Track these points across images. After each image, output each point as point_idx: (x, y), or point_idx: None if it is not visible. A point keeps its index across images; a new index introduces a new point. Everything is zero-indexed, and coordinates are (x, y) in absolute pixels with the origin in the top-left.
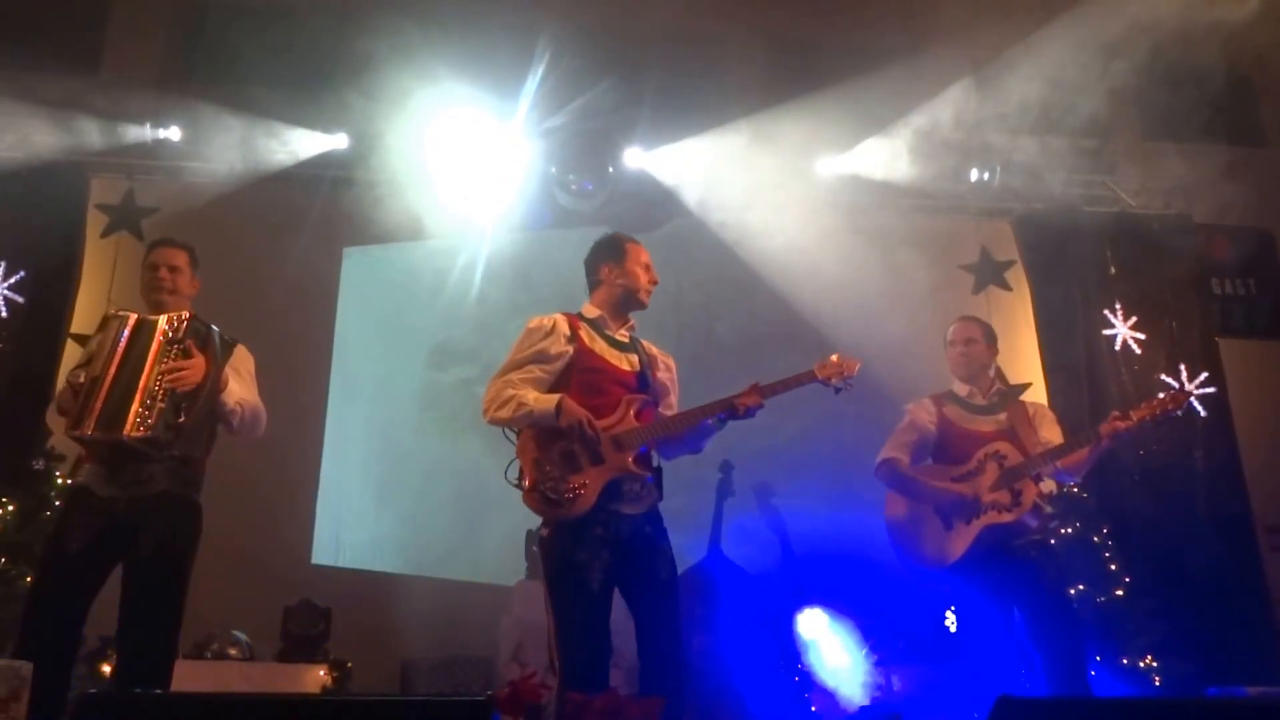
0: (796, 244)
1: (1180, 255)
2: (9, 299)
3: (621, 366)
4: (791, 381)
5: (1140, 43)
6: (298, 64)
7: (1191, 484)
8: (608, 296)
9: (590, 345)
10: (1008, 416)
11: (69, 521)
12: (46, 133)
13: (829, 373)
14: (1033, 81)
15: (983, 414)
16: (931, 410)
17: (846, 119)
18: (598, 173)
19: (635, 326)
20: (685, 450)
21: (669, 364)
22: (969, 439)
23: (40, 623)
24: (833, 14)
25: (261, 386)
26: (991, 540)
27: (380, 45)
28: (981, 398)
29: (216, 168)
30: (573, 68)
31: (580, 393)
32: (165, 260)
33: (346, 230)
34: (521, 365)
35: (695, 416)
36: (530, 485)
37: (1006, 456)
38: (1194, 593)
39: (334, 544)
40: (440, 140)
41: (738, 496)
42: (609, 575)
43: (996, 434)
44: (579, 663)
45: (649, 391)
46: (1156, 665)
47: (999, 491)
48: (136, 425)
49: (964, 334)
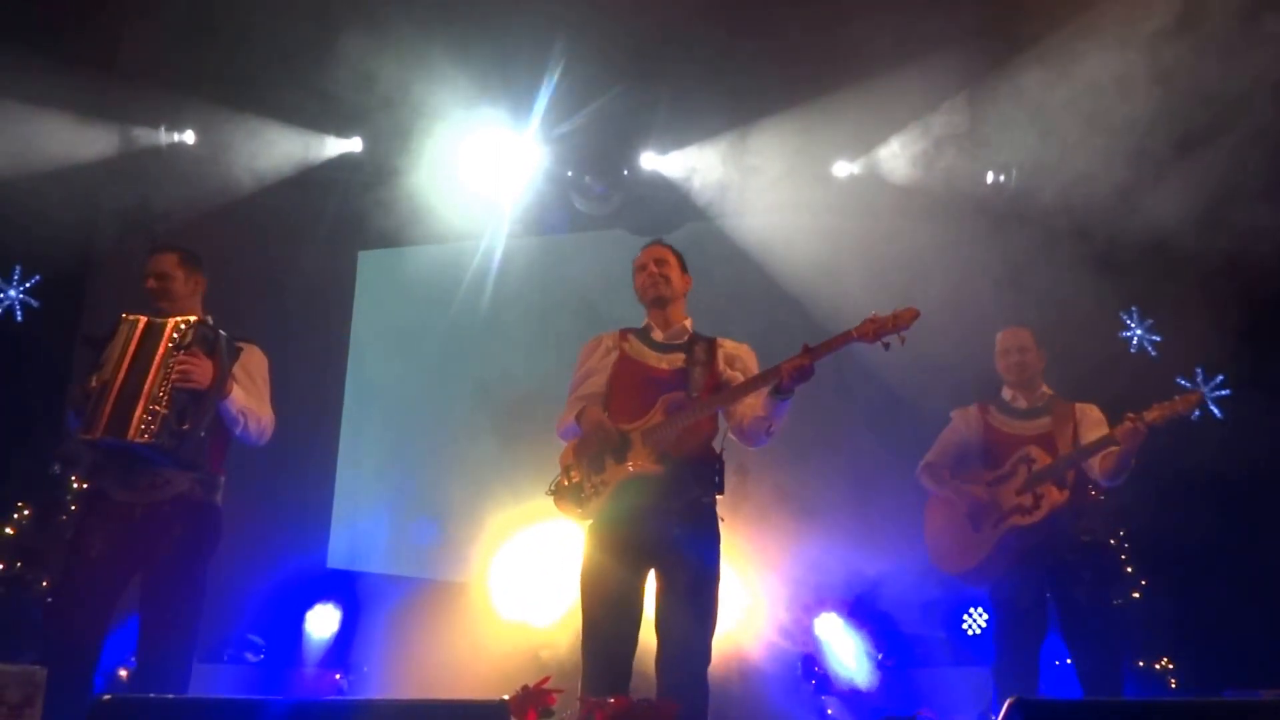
0: (812, 247)
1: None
2: (24, 303)
3: (660, 367)
4: (838, 341)
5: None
6: (312, 68)
7: (1207, 486)
8: (646, 307)
9: (631, 353)
10: (1051, 420)
11: (87, 526)
12: (60, 136)
13: (880, 328)
14: (1051, 82)
15: (1024, 418)
16: (975, 417)
17: (862, 121)
18: (612, 176)
19: (690, 326)
20: (758, 436)
21: (741, 355)
22: (1008, 443)
23: (62, 629)
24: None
25: (277, 390)
26: (1019, 543)
27: (396, 50)
28: (1025, 402)
29: (231, 171)
30: (587, 72)
31: (621, 397)
32: (153, 270)
33: (361, 234)
34: (578, 383)
35: (728, 397)
36: (554, 489)
37: (1035, 460)
38: (1210, 595)
39: (350, 548)
40: (455, 144)
41: (753, 499)
42: (636, 581)
43: (1033, 438)
44: (594, 667)
45: (688, 388)
46: (1173, 667)
47: (1024, 495)
48: (141, 430)
49: (1016, 342)
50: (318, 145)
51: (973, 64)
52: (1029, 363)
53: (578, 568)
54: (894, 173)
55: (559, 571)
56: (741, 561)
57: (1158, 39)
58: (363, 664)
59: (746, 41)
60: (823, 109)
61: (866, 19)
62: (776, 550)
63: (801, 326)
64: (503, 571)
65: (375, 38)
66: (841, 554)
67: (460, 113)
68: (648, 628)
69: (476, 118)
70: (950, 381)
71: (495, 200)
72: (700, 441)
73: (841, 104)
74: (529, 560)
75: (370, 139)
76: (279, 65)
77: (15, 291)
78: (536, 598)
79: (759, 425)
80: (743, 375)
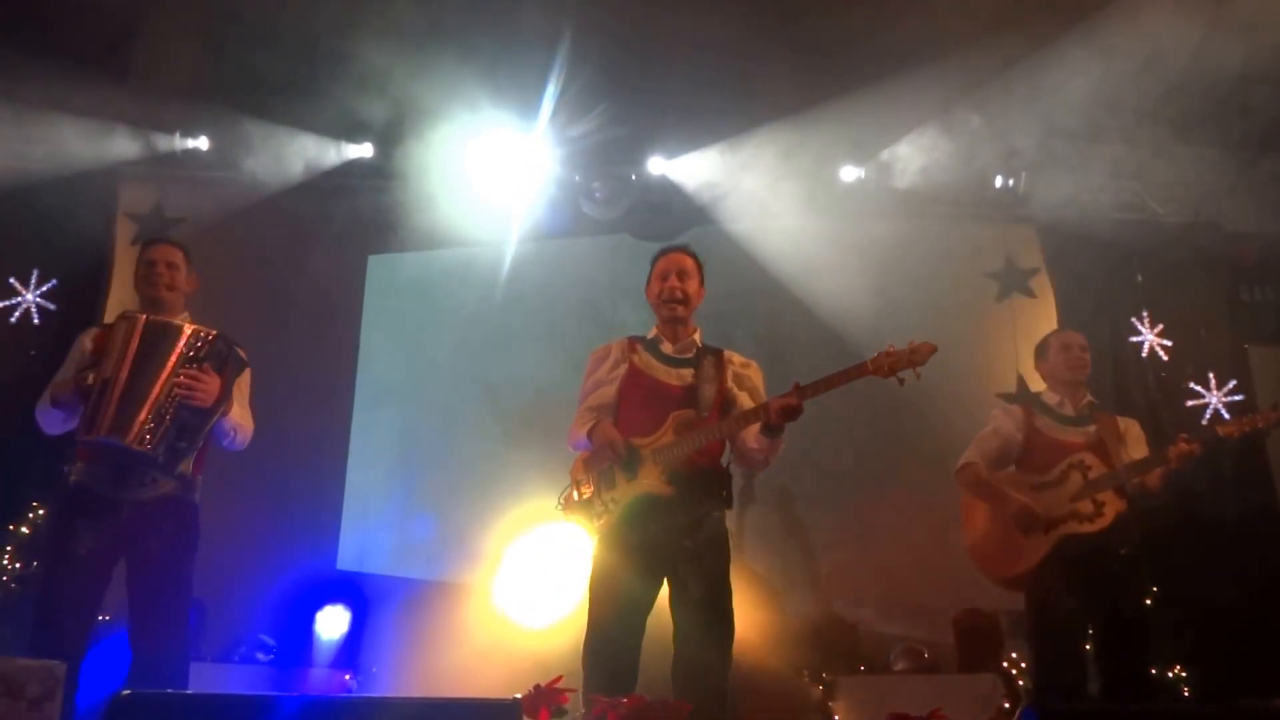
0: (819, 251)
1: (1208, 262)
2: (41, 306)
3: (670, 382)
4: (850, 374)
5: (1169, 47)
6: (324, 75)
7: (1220, 491)
8: (656, 315)
9: (641, 365)
10: (1097, 429)
11: (74, 525)
12: (77, 142)
13: (896, 362)
14: (1059, 87)
15: (1072, 425)
16: (1020, 417)
17: (870, 125)
18: (620, 180)
19: (699, 339)
20: (753, 464)
21: (748, 374)
22: (1056, 449)
23: (53, 626)
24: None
25: (287, 394)
26: (1072, 551)
27: (405, 55)
28: (1071, 408)
29: (244, 177)
30: (595, 75)
31: (631, 410)
32: (163, 256)
33: (371, 238)
34: (587, 394)
35: (729, 428)
36: (564, 502)
37: (1091, 467)
38: (1224, 602)
39: (359, 550)
40: (464, 148)
41: (759, 503)
42: (644, 585)
43: (1085, 445)
44: (595, 667)
45: (698, 406)
46: (1185, 675)
47: (1080, 501)
48: (141, 438)
49: (1076, 340)
50: (329, 150)
51: (979, 67)
52: (1087, 361)
53: (587, 569)
54: (901, 177)
55: (567, 573)
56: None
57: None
58: (372, 665)
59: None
60: (830, 113)
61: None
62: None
63: (808, 332)
64: (511, 573)
65: (386, 44)
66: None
67: (469, 118)
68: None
69: (485, 123)
70: (960, 381)
71: (503, 205)
72: (710, 459)
73: (849, 108)
74: (537, 562)
75: (381, 144)
76: (292, 72)
77: (32, 295)
78: (545, 599)
79: (754, 455)
80: (749, 395)
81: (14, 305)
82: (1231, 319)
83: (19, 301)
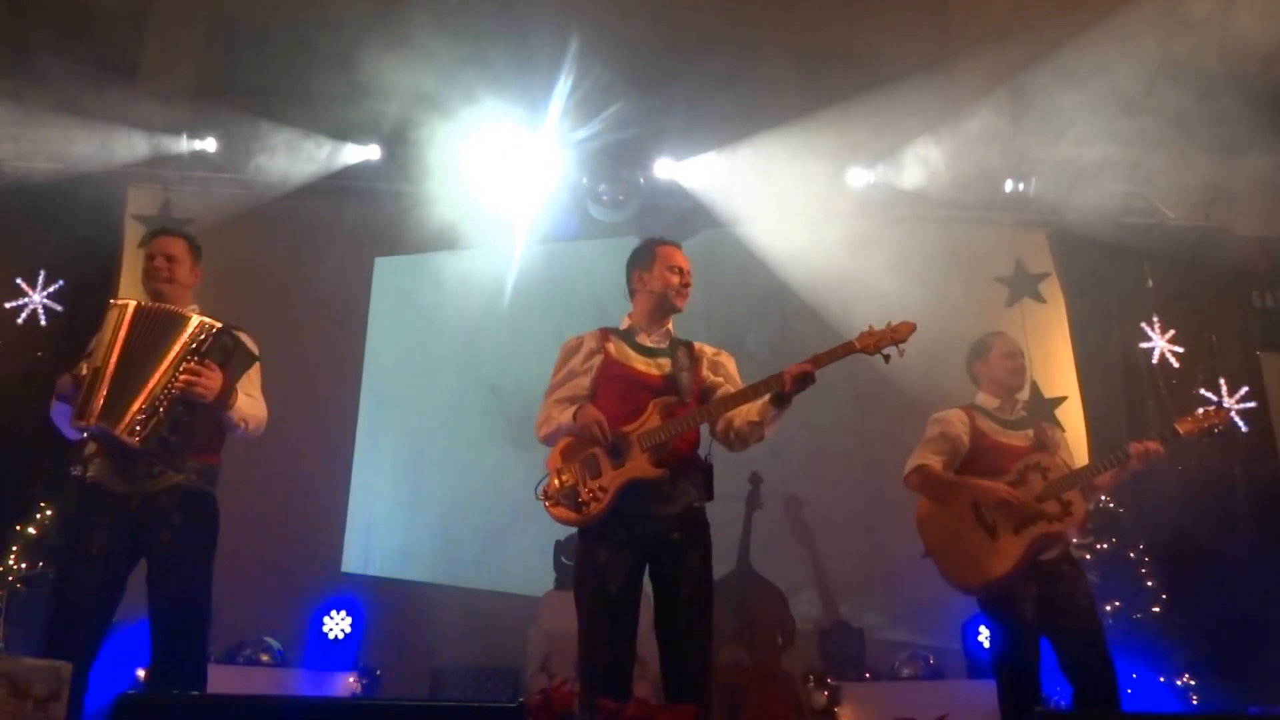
0: (828, 254)
1: (1220, 268)
2: (48, 308)
3: (650, 372)
4: (840, 351)
5: (1179, 51)
6: (331, 76)
7: (1231, 499)
8: (643, 303)
9: (617, 355)
10: (1035, 433)
11: (87, 523)
12: (85, 144)
13: (879, 341)
14: (1069, 91)
15: (1014, 428)
16: (965, 421)
17: (879, 128)
18: (628, 183)
19: (673, 330)
20: (746, 441)
21: (722, 361)
22: (1004, 452)
23: (68, 625)
24: (865, 23)
25: (292, 397)
26: (1042, 550)
27: (413, 57)
28: (1009, 413)
29: (251, 179)
30: (603, 78)
31: (608, 401)
32: (162, 249)
33: (378, 241)
34: (559, 385)
35: (729, 404)
36: (545, 494)
37: (1049, 468)
38: (1233, 610)
39: (364, 552)
40: (472, 151)
41: (766, 508)
42: (633, 579)
43: (1032, 448)
44: (593, 668)
45: (679, 394)
46: (1194, 683)
47: (1047, 502)
48: (132, 428)
49: (1015, 347)
50: (336, 153)
51: (988, 72)
52: (1024, 368)
53: (573, 566)
54: (910, 180)
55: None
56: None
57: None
58: (376, 667)
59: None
60: (839, 117)
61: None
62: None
63: (816, 334)
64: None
65: (393, 46)
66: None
67: (477, 121)
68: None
69: (493, 126)
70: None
71: (511, 207)
72: (690, 448)
73: (858, 112)
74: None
75: (388, 147)
76: (299, 74)
77: (39, 296)
78: (549, 601)
79: (752, 431)
80: (726, 381)
81: (21, 306)
82: (1243, 325)
83: (26, 302)
